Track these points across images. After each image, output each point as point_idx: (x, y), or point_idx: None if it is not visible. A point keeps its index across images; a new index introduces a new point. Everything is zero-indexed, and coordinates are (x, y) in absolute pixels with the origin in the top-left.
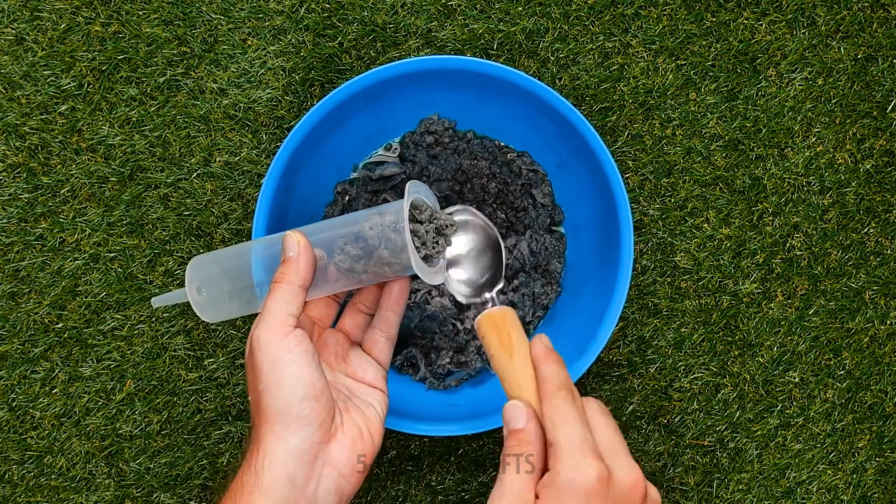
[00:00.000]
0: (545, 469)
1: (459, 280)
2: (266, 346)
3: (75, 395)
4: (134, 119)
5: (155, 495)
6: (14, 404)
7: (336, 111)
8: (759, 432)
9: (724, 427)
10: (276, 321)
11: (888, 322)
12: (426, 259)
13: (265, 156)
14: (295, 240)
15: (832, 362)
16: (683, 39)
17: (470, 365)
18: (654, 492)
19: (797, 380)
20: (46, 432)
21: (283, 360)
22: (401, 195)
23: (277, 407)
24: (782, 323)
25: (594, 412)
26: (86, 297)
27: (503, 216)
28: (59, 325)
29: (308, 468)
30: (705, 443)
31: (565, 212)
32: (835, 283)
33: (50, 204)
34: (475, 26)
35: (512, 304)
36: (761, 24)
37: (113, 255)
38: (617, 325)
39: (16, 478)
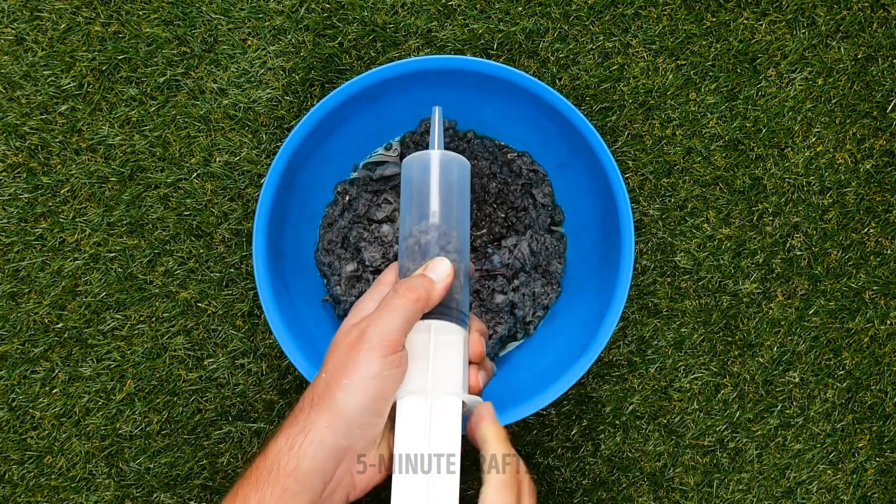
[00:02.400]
0: None
1: None
2: (370, 353)
3: (75, 395)
4: (134, 119)
5: (155, 495)
6: (14, 404)
7: (336, 111)
8: (759, 432)
9: (724, 427)
10: (393, 334)
11: (888, 322)
12: None
13: (265, 156)
14: (448, 271)
15: (832, 362)
16: (683, 39)
17: None
18: None
19: (797, 380)
20: (46, 432)
21: (379, 374)
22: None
23: (348, 410)
24: (782, 323)
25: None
26: (86, 297)
27: (503, 216)
28: (59, 325)
29: (337, 467)
30: (705, 443)
31: (565, 212)
32: (835, 283)
33: (50, 204)
34: (475, 26)
35: (512, 304)
36: (761, 24)
37: (113, 255)
38: (617, 325)
39: (16, 478)
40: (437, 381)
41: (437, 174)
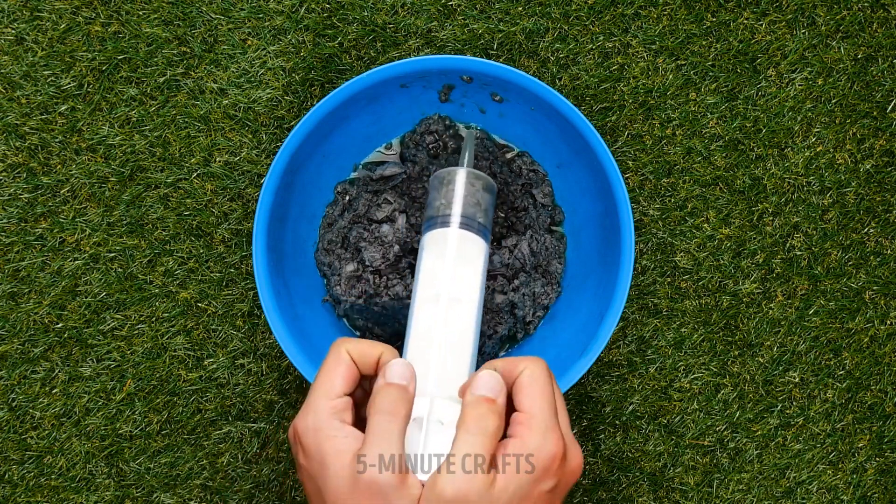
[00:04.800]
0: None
1: None
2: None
3: (75, 395)
4: (134, 119)
5: (155, 495)
6: (14, 404)
7: (336, 111)
8: (759, 432)
9: (724, 427)
10: (400, 450)
11: (888, 322)
12: None
13: (265, 156)
14: (410, 371)
15: (832, 362)
16: (683, 39)
17: None
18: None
19: (797, 380)
20: (46, 432)
21: None
22: (401, 195)
23: None
24: (782, 323)
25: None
26: (86, 297)
27: (503, 216)
28: (59, 325)
29: None
30: (705, 443)
31: (565, 212)
32: (835, 283)
33: (50, 204)
34: (475, 26)
35: (512, 304)
36: (761, 24)
37: (113, 255)
38: (617, 325)
39: (16, 478)
40: (442, 382)
41: (462, 186)
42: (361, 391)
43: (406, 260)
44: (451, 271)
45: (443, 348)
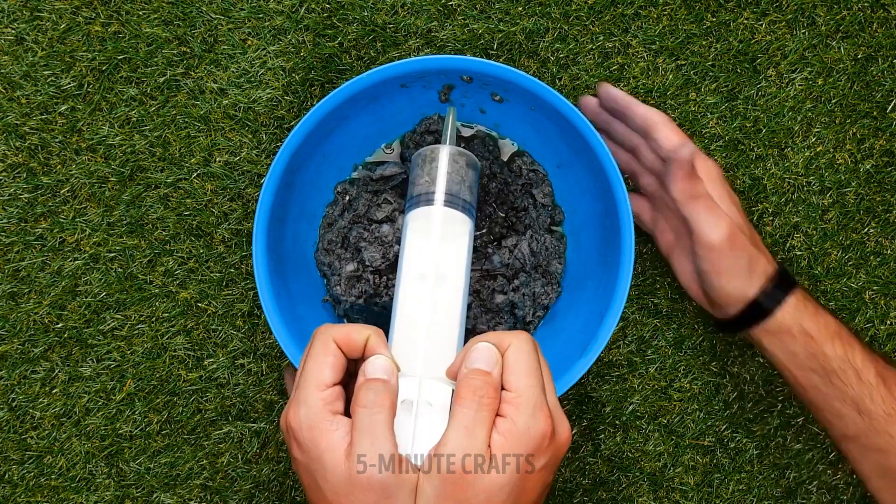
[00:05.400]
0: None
1: None
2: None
3: (75, 395)
4: (134, 119)
5: (155, 495)
6: (14, 404)
7: (336, 111)
8: (759, 432)
9: (724, 427)
10: (391, 448)
11: (888, 322)
12: None
13: (265, 156)
14: (389, 365)
15: None
16: (683, 39)
17: None
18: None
19: None
20: (46, 432)
21: None
22: (401, 195)
23: None
24: None
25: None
26: (86, 297)
27: (503, 216)
28: (59, 325)
29: None
30: (705, 443)
31: (565, 212)
32: (835, 283)
33: (50, 204)
34: (475, 26)
35: (512, 304)
36: (761, 24)
37: (113, 255)
38: (617, 325)
39: (16, 478)
40: (430, 363)
41: (445, 163)
42: (354, 369)
43: None
44: (437, 249)
45: (430, 328)
